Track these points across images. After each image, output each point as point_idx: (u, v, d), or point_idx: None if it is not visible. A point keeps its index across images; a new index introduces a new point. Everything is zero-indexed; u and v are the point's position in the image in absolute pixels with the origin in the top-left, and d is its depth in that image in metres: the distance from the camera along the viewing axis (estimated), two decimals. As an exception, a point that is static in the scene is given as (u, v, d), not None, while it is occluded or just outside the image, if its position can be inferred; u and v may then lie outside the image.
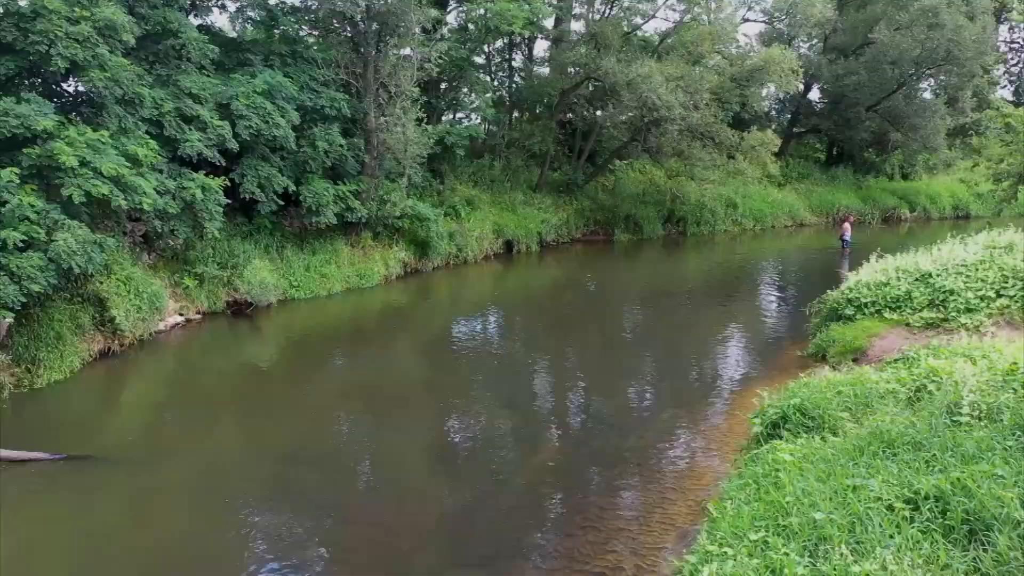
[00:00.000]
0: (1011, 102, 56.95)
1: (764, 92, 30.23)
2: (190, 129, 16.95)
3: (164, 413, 13.02)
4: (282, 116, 18.80)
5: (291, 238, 21.38)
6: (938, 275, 14.01)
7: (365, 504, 9.50)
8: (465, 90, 29.42)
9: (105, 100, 14.39)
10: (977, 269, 13.72)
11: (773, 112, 42.97)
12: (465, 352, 17.14)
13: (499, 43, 32.98)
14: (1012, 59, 58.59)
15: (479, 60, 32.32)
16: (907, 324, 13.80)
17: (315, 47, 21.64)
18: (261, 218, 20.45)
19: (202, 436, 11.78)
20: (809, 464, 6.70)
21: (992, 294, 13.10)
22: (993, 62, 40.24)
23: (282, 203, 19.99)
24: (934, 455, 6.10)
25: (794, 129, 41.33)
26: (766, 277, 26.37)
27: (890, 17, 35.02)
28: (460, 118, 29.22)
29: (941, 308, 13.54)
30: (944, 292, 13.65)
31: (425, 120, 22.92)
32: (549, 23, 32.47)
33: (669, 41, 32.17)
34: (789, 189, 37.45)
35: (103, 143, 13.74)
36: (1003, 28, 50.45)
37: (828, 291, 16.38)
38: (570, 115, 32.50)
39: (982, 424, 6.54)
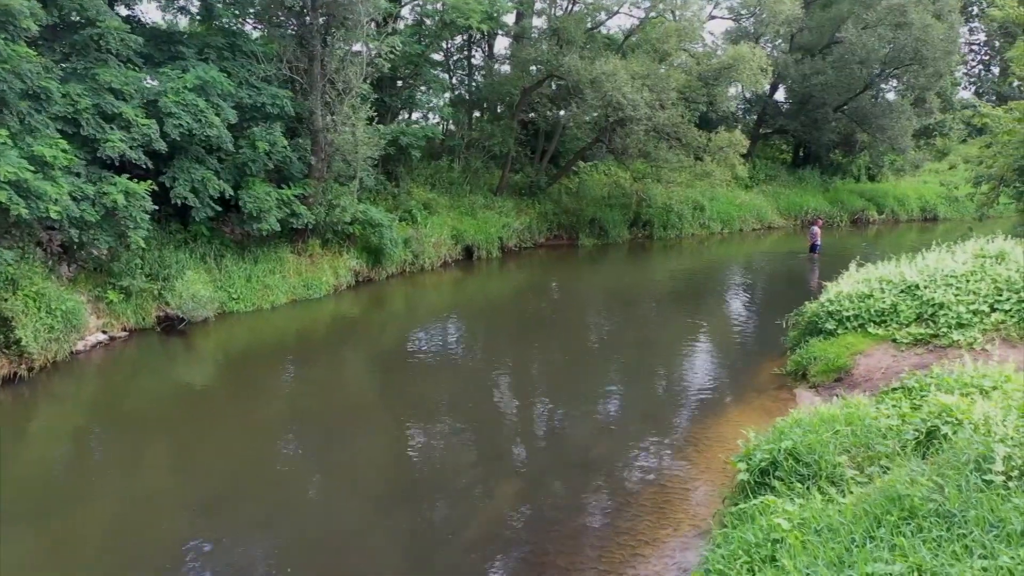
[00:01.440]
0: (970, 103, 57.37)
1: (732, 92, 29.23)
2: (111, 128, 15.36)
3: (71, 448, 11.46)
4: (217, 114, 17.27)
5: (232, 246, 19.80)
6: (926, 287, 12.98)
7: (306, 556, 8.11)
8: (423, 88, 28.03)
9: (5, 95, 12.76)
10: (968, 280, 12.72)
11: (739, 112, 42.21)
12: (422, 366, 15.81)
13: (459, 40, 31.68)
14: (972, 60, 58.91)
15: (438, 57, 31.02)
16: (894, 340, 12.76)
17: (256, 40, 20.10)
18: (197, 225, 18.87)
19: (113, 479, 10.25)
20: (813, 536, 5.48)
21: (985, 308, 12.10)
22: (956, 63, 39.91)
23: (220, 209, 18.47)
24: (971, 532, 4.93)
25: (760, 130, 40.58)
26: (736, 283, 25.38)
27: (857, 16, 34.39)
28: (417, 118, 27.79)
29: (930, 323, 12.51)
30: (933, 305, 12.62)
31: (376, 120, 21.49)
32: (510, 19, 31.25)
33: (634, 39, 31.12)
34: (756, 191, 36.64)
35: (1, 143, 12.13)
36: (963, 29, 50.49)
37: (806, 302, 15.34)
38: (532, 115, 31.27)
39: (1021, 485, 5.38)
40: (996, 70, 60.71)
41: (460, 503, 9.42)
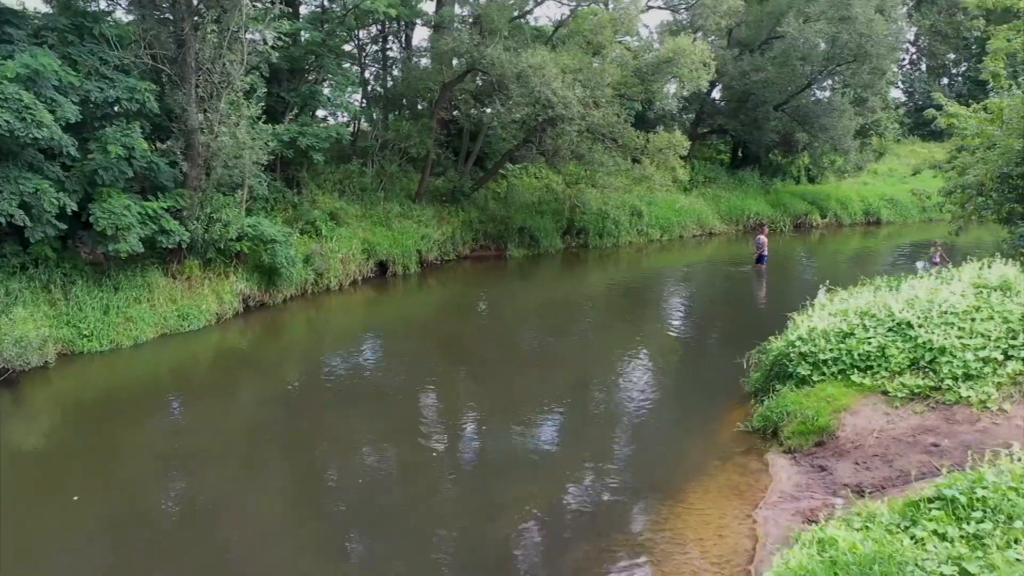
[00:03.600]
0: (903, 102, 56.89)
1: (672, 89, 26.90)
2: None
3: None
4: (51, 111, 13.90)
5: (86, 271, 16.38)
6: (920, 326, 10.61)
7: None
8: (328, 83, 24.81)
9: None
10: (973, 319, 10.39)
11: (676, 111, 40.04)
12: (325, 405, 13.23)
13: (374, 30, 28.56)
14: (903, 58, 58.44)
15: (350, 49, 27.86)
16: (884, 392, 10.36)
17: (109, 21, 16.70)
18: (40, 246, 15.44)
19: None
20: None
21: (998, 355, 9.78)
22: (897, 60, 38.64)
23: (64, 227, 15.10)
24: None
25: (698, 129, 38.51)
26: (679, 301, 23.01)
27: (798, 9, 32.51)
28: (323, 116, 24.57)
29: (929, 372, 10.14)
30: (931, 350, 10.26)
31: (265, 119, 18.32)
32: (431, 7, 28.30)
33: (564, 31, 28.47)
34: (696, 194, 34.49)
35: None
36: (893, 27, 49.66)
37: (770, 337, 12.90)
38: (456, 112, 28.37)
39: None
40: (924, 67, 60.63)
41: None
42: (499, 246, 27.50)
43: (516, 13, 26.11)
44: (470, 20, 26.40)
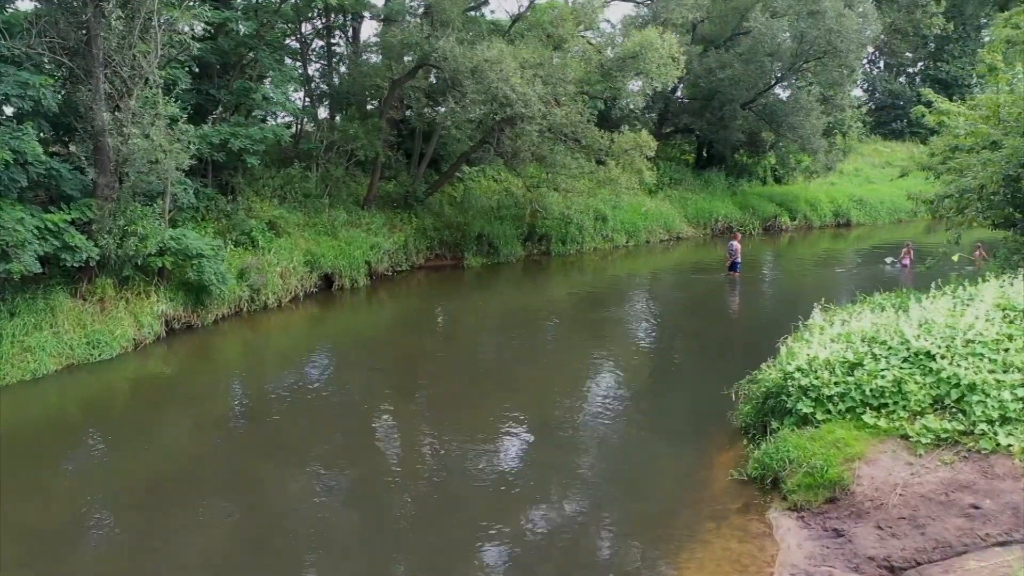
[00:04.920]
0: (864, 101, 56.32)
1: (637, 86, 25.29)
2: None
3: None
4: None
5: (-26, 294, 14.21)
6: (943, 357, 9.06)
7: None
8: (271, 79, 22.70)
9: None
10: (1006, 349, 8.87)
11: (638, 111, 38.53)
12: (259, 440, 11.62)
13: (319, 23, 26.54)
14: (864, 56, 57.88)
15: (293, 44, 25.83)
16: (904, 436, 8.79)
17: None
18: (-84, 267, 13.25)
19: None
20: None
21: (1041, 394, 8.26)
22: (864, 56, 37.68)
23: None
24: None
25: (663, 129, 37.06)
26: (649, 312, 21.40)
27: (765, 3, 31.24)
28: (262, 116, 22.46)
29: (957, 413, 8.59)
30: (959, 386, 8.71)
31: (187, 119, 16.27)
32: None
33: (522, 25, 26.70)
34: (662, 197, 33.01)
35: None
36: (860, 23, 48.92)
37: (762, 365, 11.31)
38: (408, 112, 26.48)
39: None
40: (882, 64, 60.16)
41: None
42: (456, 255, 25.67)
43: (471, 3, 24.30)
44: (420, 11, 24.52)
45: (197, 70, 19.23)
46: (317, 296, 21.22)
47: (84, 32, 14.53)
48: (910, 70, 60.55)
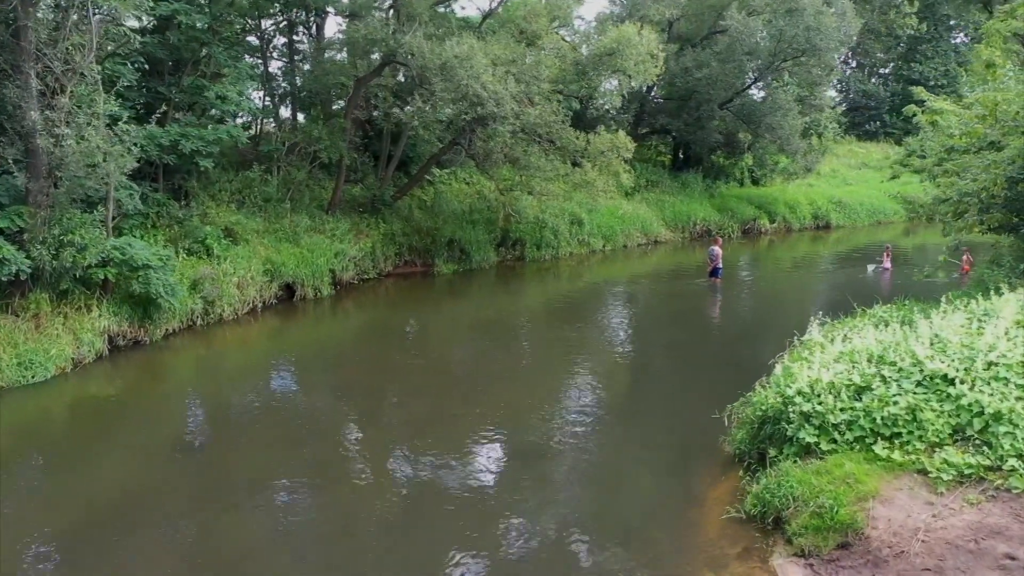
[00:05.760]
0: (838, 101, 55.98)
1: (613, 85, 24.36)
2: None
3: None
4: None
5: None
6: (962, 381, 8.15)
7: None
8: (221, 78, 21.40)
9: None
10: (1033, 372, 7.99)
11: (613, 111, 37.64)
12: (211, 460, 10.73)
13: (281, 19, 25.29)
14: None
15: (252, 41, 24.58)
16: (922, 472, 7.87)
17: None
18: None
19: None
20: None
21: (1078, 426, 7.37)
22: (843, 55, 37.13)
23: None
24: None
25: (638, 130, 36.18)
26: (628, 321, 20.44)
27: (743, 1, 30.48)
28: (216, 116, 21.13)
29: (983, 447, 7.67)
30: (982, 415, 7.80)
31: (126, 118, 14.97)
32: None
33: (493, 21, 25.65)
34: (639, 199, 32.12)
35: None
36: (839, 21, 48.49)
37: (756, 386, 10.36)
38: (375, 112, 25.30)
39: None
40: (855, 64, 59.90)
41: None
42: (426, 261, 24.55)
43: (440, -1, 23.23)
44: (387, 5, 23.36)
45: (147, 66, 17.98)
46: (278, 307, 19.99)
47: (11, 23, 13.21)
48: (882, 71, 60.48)
